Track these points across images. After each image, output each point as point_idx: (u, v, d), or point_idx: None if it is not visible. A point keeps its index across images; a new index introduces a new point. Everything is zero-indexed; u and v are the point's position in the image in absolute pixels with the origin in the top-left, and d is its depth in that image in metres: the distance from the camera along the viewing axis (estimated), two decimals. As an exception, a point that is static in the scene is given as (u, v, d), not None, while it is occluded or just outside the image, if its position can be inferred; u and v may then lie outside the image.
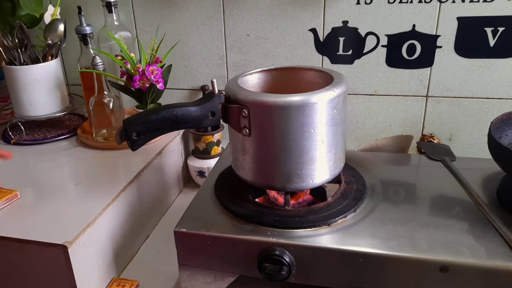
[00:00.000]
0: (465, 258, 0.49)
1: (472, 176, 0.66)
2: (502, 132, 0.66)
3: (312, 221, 0.56)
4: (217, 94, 0.56)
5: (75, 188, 0.73)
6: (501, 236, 0.52)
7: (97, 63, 0.83)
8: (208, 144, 0.93)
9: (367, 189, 0.64)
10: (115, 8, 0.93)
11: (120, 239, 0.72)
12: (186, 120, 0.55)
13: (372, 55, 0.87)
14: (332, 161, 0.59)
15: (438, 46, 0.83)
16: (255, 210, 0.59)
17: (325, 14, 0.86)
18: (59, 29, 0.91)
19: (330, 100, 0.55)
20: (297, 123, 0.54)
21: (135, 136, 0.54)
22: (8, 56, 0.90)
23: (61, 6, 0.95)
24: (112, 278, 0.70)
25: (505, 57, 0.81)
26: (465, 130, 0.89)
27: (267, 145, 0.57)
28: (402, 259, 0.50)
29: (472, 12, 0.79)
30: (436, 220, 0.56)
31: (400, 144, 0.86)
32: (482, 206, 0.58)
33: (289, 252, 0.53)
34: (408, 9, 0.82)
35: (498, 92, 0.84)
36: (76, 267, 0.60)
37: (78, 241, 0.60)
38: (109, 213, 0.68)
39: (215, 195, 0.65)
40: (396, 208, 0.59)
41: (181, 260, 0.59)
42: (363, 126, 0.94)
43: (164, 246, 0.79)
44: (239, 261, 0.56)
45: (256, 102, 0.55)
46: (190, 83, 1.01)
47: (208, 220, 0.59)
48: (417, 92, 0.88)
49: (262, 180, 0.60)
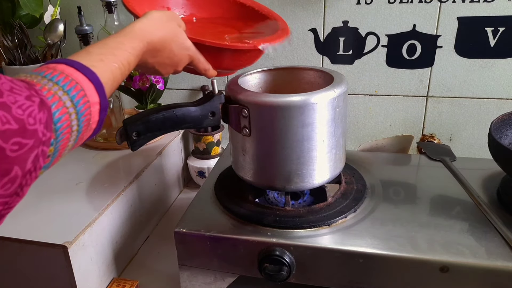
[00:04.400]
0: (465, 258, 0.49)
1: (472, 176, 0.66)
2: (502, 132, 0.66)
3: (312, 221, 0.56)
4: (217, 94, 0.56)
5: (75, 188, 0.73)
6: (501, 236, 0.52)
7: (97, 63, 0.83)
8: (208, 144, 0.93)
9: (367, 189, 0.64)
10: (115, 8, 0.93)
11: (120, 239, 0.72)
12: (186, 120, 0.55)
13: (372, 55, 0.87)
14: (332, 161, 0.59)
15: (439, 46, 0.83)
16: (255, 210, 0.59)
17: (325, 14, 0.86)
18: (59, 29, 0.91)
19: (330, 100, 0.55)
20: (297, 123, 0.54)
21: (135, 136, 0.54)
22: (8, 56, 0.90)
23: (61, 6, 0.95)
24: (112, 278, 0.70)
25: (505, 57, 0.81)
26: (465, 130, 0.89)
27: (267, 145, 0.57)
28: (402, 259, 0.50)
29: (472, 12, 0.79)
30: (436, 220, 0.56)
31: (401, 144, 0.86)
32: (482, 206, 0.58)
33: (289, 252, 0.53)
34: (409, 9, 0.82)
35: (499, 92, 0.84)
36: (76, 267, 0.60)
37: (78, 241, 0.60)
38: (109, 213, 0.68)
39: (215, 195, 0.65)
40: (396, 208, 0.59)
41: (181, 260, 0.59)
42: (363, 126, 0.94)
43: (164, 246, 0.79)
44: (239, 261, 0.56)
45: (256, 102, 0.55)
46: (190, 83, 1.01)
47: (208, 220, 0.59)
48: (417, 92, 0.88)
49: (262, 180, 0.60)
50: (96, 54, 0.41)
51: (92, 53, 0.41)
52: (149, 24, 0.49)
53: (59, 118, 0.33)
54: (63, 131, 0.34)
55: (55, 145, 0.33)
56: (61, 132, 0.34)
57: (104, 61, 0.41)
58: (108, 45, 0.44)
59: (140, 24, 0.48)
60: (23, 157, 0.28)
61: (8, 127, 0.27)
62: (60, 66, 0.36)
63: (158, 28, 0.49)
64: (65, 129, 0.34)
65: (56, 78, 0.34)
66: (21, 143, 0.28)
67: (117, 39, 0.45)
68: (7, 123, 0.27)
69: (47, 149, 0.31)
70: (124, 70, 0.44)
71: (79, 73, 0.37)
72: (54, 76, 0.35)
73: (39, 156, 0.30)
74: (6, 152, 0.27)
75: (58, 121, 0.33)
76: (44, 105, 0.31)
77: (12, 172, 0.28)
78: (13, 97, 0.28)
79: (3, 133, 0.26)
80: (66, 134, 0.34)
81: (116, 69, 0.42)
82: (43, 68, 0.36)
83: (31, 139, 0.29)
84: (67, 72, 0.36)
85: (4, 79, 0.29)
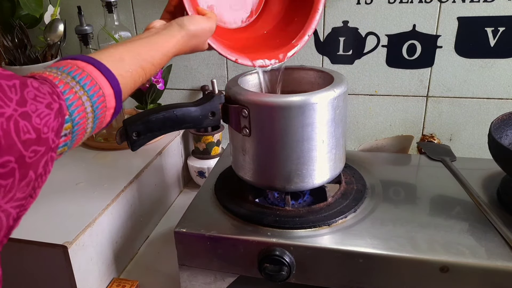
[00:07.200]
0: (465, 258, 0.49)
1: (472, 176, 0.66)
2: (502, 132, 0.66)
3: (312, 221, 0.56)
4: (217, 94, 0.56)
5: (75, 188, 0.73)
6: (501, 236, 0.52)
7: (97, 63, 0.83)
8: (208, 144, 0.93)
9: (367, 189, 0.64)
10: (115, 8, 0.93)
11: (120, 239, 0.72)
12: (186, 120, 0.55)
13: (372, 55, 0.87)
14: (333, 161, 0.59)
15: (439, 46, 0.83)
16: (255, 211, 0.59)
17: (325, 14, 0.86)
18: (59, 29, 0.91)
19: (331, 100, 0.55)
20: (297, 123, 0.54)
21: (135, 136, 0.54)
22: (8, 56, 0.90)
23: (61, 6, 0.95)
24: (112, 278, 0.70)
25: (505, 57, 0.81)
26: (465, 130, 0.89)
27: (267, 145, 0.57)
28: (402, 259, 0.50)
29: (472, 12, 0.79)
30: (436, 220, 0.56)
31: (401, 144, 0.86)
32: (482, 206, 0.58)
33: (289, 253, 0.53)
34: (409, 9, 0.82)
35: (499, 92, 0.84)
36: (76, 267, 0.60)
37: (78, 241, 0.60)
38: (109, 213, 0.68)
39: (215, 195, 0.65)
40: (396, 208, 0.59)
41: (181, 260, 0.59)
42: (363, 126, 0.94)
43: (164, 246, 0.79)
44: (239, 261, 0.56)
45: (256, 102, 0.55)
46: (190, 83, 1.01)
47: (208, 221, 0.59)
48: (418, 92, 0.88)
49: (262, 180, 0.60)
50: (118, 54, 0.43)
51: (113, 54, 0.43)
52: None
53: (78, 122, 0.36)
54: (78, 133, 0.37)
55: (69, 145, 0.37)
56: (76, 134, 0.37)
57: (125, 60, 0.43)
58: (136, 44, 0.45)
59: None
60: (37, 162, 0.31)
61: (28, 136, 0.30)
62: (88, 68, 0.38)
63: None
64: (80, 131, 0.37)
65: (83, 81, 0.37)
66: (36, 150, 0.31)
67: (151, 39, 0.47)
68: (27, 132, 0.30)
69: (55, 154, 0.34)
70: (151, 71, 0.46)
71: (103, 78, 0.39)
72: (82, 79, 0.37)
73: (49, 161, 0.33)
74: (26, 159, 0.30)
75: (76, 125, 0.36)
76: (61, 112, 0.34)
77: (28, 176, 0.31)
78: (35, 106, 0.31)
79: (24, 142, 0.29)
80: (80, 135, 0.38)
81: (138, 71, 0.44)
82: (73, 66, 0.38)
83: (43, 146, 0.32)
84: (94, 76, 0.38)
85: (30, 87, 0.32)
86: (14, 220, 0.31)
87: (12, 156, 0.28)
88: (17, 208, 0.31)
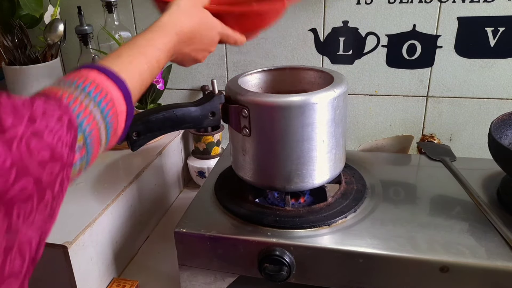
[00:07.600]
0: (465, 258, 0.49)
1: (472, 176, 0.66)
2: (502, 132, 0.66)
3: (312, 221, 0.56)
4: (217, 94, 0.56)
5: (75, 188, 0.73)
6: (501, 236, 0.52)
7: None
8: (208, 144, 0.93)
9: (367, 189, 0.64)
10: (115, 8, 0.93)
11: (120, 239, 0.72)
12: (186, 120, 0.55)
13: (372, 55, 0.87)
14: (333, 161, 0.59)
15: (439, 46, 0.83)
16: (255, 211, 0.59)
17: (325, 14, 0.86)
18: (59, 29, 0.91)
19: (331, 100, 0.55)
20: (297, 123, 0.54)
21: (135, 136, 0.54)
22: (8, 56, 0.90)
23: (61, 6, 0.95)
24: (112, 278, 0.70)
25: (505, 57, 0.81)
26: (465, 130, 0.89)
27: (267, 145, 0.57)
28: (402, 259, 0.50)
29: (472, 12, 0.79)
30: (436, 221, 0.56)
31: (401, 144, 0.86)
32: (482, 206, 0.58)
33: (289, 253, 0.53)
34: (409, 9, 0.82)
35: (499, 92, 0.84)
36: (76, 267, 0.60)
37: (78, 241, 0.60)
38: (109, 213, 0.68)
39: (215, 195, 0.65)
40: (396, 208, 0.59)
41: (181, 260, 0.59)
42: (363, 126, 0.94)
43: (164, 246, 0.79)
44: (239, 261, 0.56)
45: (256, 102, 0.55)
46: (190, 83, 1.01)
47: (208, 221, 0.59)
48: (418, 92, 0.88)
49: (262, 180, 0.60)
50: (126, 56, 0.42)
51: (121, 56, 0.42)
52: (177, 15, 0.49)
53: (89, 132, 0.34)
54: (93, 145, 0.35)
55: (86, 159, 0.35)
56: (92, 147, 0.35)
57: (133, 62, 0.41)
58: (137, 44, 0.44)
59: (168, 16, 0.48)
60: (53, 181, 0.30)
61: (42, 155, 0.28)
62: (92, 74, 0.37)
63: (186, 17, 0.49)
64: (94, 143, 0.35)
65: (88, 88, 0.35)
66: (52, 168, 0.29)
67: (146, 36, 0.46)
68: (41, 151, 0.28)
69: (71, 170, 0.32)
70: (154, 69, 0.44)
71: (109, 82, 0.37)
72: (86, 86, 0.35)
73: (64, 179, 0.31)
74: (42, 179, 0.28)
75: (88, 136, 0.34)
76: (72, 125, 0.32)
77: (46, 197, 0.29)
78: (45, 122, 0.29)
79: (40, 163, 0.28)
80: (95, 146, 0.36)
81: (145, 70, 0.43)
82: (76, 76, 0.36)
83: (58, 163, 0.30)
84: (98, 81, 0.36)
85: (37, 102, 0.30)
86: (37, 245, 0.30)
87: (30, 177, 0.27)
88: (39, 230, 0.30)
